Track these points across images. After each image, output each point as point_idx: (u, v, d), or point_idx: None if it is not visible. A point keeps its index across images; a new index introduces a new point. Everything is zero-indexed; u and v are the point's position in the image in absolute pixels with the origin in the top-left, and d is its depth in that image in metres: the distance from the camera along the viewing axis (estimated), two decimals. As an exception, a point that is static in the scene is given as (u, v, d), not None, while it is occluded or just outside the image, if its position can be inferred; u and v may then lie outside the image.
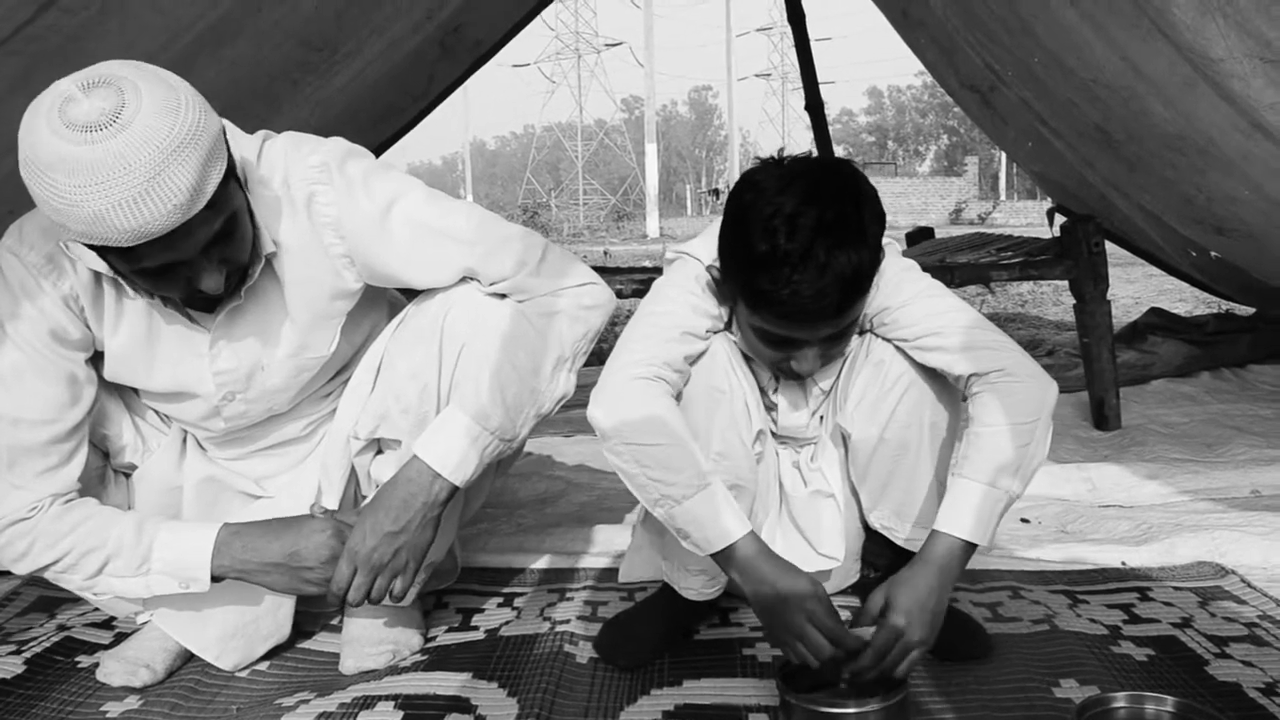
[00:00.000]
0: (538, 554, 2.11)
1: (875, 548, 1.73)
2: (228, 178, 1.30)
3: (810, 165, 1.38)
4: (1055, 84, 3.04)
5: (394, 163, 2.05)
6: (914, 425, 1.55)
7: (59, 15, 1.81)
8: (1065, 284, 3.43)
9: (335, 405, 1.68)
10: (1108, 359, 3.15)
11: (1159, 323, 4.40)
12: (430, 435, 1.49)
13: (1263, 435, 2.99)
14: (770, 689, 1.48)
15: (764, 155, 1.42)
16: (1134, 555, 2.00)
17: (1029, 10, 2.74)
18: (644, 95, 37.54)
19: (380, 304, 1.71)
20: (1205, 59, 2.10)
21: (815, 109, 5.03)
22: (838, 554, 1.67)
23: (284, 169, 1.48)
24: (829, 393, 1.65)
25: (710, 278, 1.51)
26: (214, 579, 1.49)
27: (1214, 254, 3.61)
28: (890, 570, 1.47)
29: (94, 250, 1.29)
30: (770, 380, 1.64)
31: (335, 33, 2.96)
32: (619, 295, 2.53)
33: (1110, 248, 3.39)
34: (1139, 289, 7.66)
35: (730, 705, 1.46)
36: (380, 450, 1.63)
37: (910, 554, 1.45)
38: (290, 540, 1.49)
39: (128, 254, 1.26)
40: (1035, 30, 2.80)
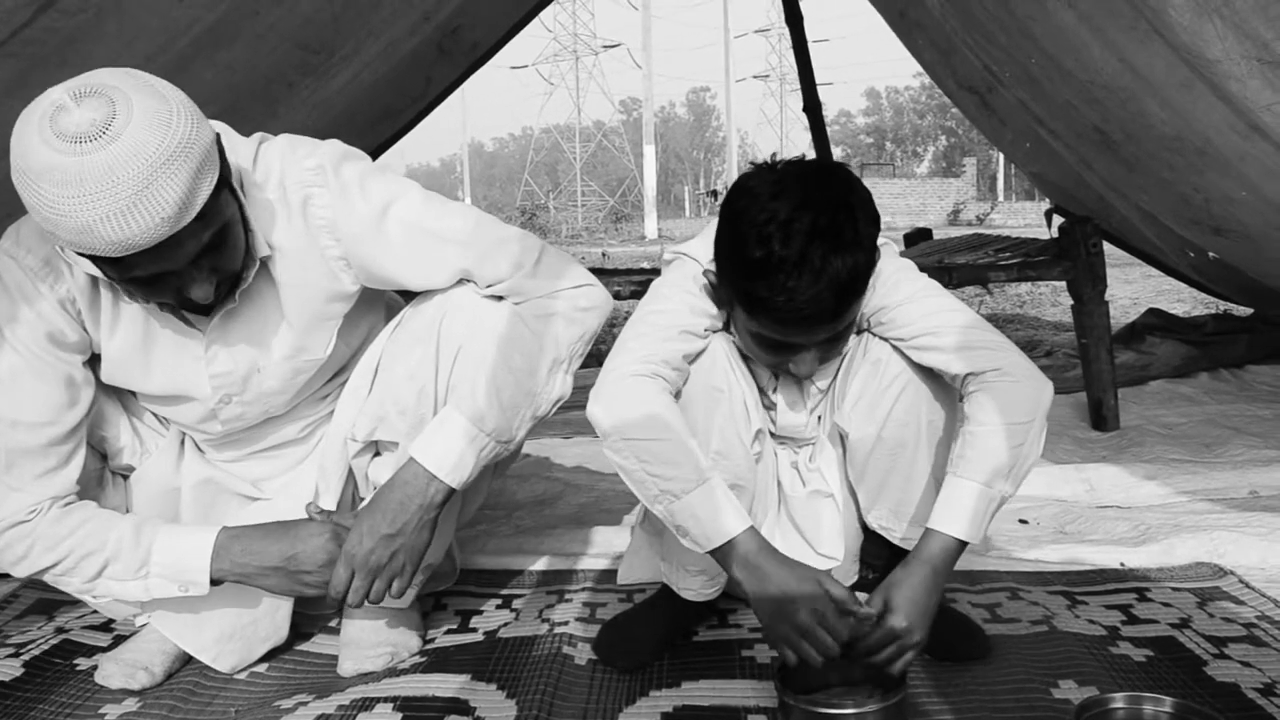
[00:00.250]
0: (536, 555, 2.11)
1: (873, 548, 1.73)
2: (220, 188, 1.29)
3: (803, 169, 1.38)
4: (1053, 85, 3.04)
5: (392, 165, 2.05)
6: (911, 424, 1.55)
7: (56, 17, 1.80)
8: (1063, 285, 3.43)
9: (333, 407, 1.68)
10: (1106, 360, 3.15)
11: (1157, 323, 4.40)
12: (427, 437, 1.49)
13: (1261, 436, 2.98)
14: (769, 690, 1.48)
15: (760, 158, 1.42)
16: (1132, 556, 2.00)
17: (1026, 12, 2.74)
18: (642, 97, 37.54)
19: (377, 306, 1.71)
20: (1202, 60, 2.10)
21: (813, 110, 5.03)
22: (837, 554, 1.67)
23: (280, 172, 1.48)
24: (827, 392, 1.66)
25: (707, 282, 1.51)
26: (213, 582, 1.49)
27: (1212, 254, 3.61)
28: (888, 570, 1.47)
29: (87, 257, 1.29)
30: (769, 380, 1.64)
31: (332, 35, 2.96)
32: (617, 297, 2.53)
33: (1108, 248, 3.39)
34: (1137, 289, 7.66)
35: (729, 707, 1.46)
36: (378, 452, 1.63)
37: (907, 552, 1.45)
38: (289, 543, 1.49)
39: (118, 263, 1.26)
40: (1033, 32, 2.80)
